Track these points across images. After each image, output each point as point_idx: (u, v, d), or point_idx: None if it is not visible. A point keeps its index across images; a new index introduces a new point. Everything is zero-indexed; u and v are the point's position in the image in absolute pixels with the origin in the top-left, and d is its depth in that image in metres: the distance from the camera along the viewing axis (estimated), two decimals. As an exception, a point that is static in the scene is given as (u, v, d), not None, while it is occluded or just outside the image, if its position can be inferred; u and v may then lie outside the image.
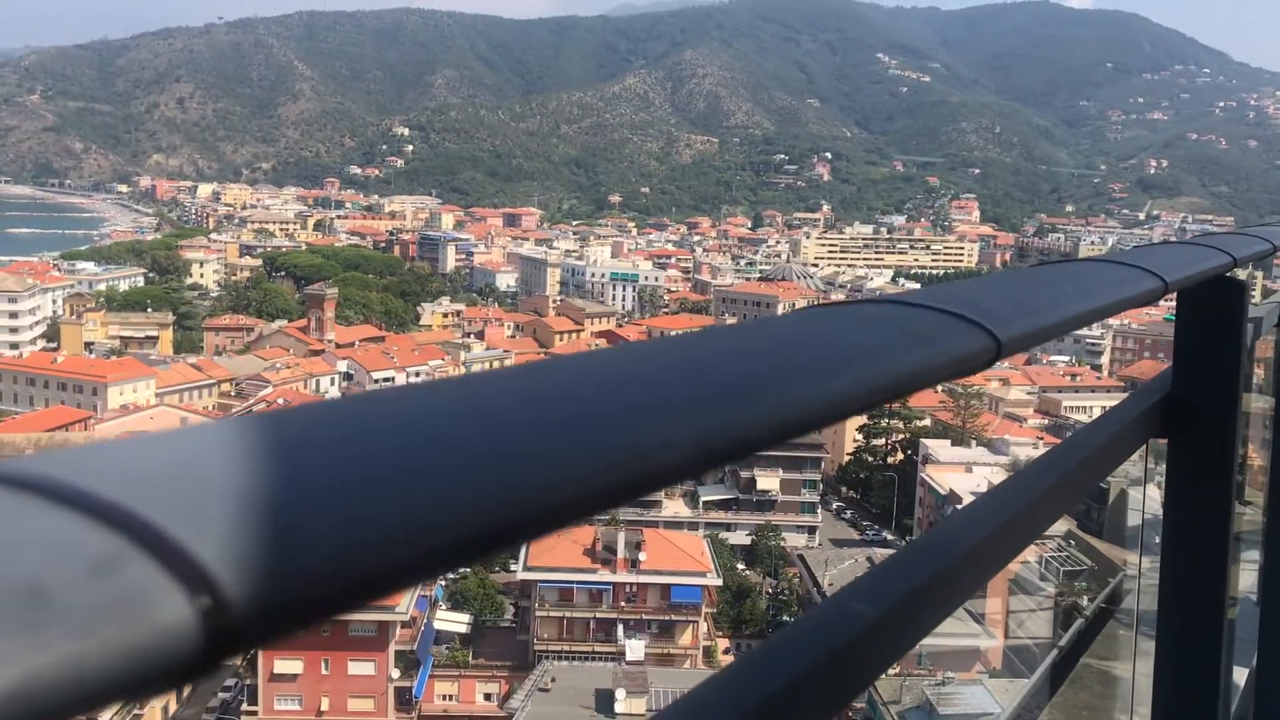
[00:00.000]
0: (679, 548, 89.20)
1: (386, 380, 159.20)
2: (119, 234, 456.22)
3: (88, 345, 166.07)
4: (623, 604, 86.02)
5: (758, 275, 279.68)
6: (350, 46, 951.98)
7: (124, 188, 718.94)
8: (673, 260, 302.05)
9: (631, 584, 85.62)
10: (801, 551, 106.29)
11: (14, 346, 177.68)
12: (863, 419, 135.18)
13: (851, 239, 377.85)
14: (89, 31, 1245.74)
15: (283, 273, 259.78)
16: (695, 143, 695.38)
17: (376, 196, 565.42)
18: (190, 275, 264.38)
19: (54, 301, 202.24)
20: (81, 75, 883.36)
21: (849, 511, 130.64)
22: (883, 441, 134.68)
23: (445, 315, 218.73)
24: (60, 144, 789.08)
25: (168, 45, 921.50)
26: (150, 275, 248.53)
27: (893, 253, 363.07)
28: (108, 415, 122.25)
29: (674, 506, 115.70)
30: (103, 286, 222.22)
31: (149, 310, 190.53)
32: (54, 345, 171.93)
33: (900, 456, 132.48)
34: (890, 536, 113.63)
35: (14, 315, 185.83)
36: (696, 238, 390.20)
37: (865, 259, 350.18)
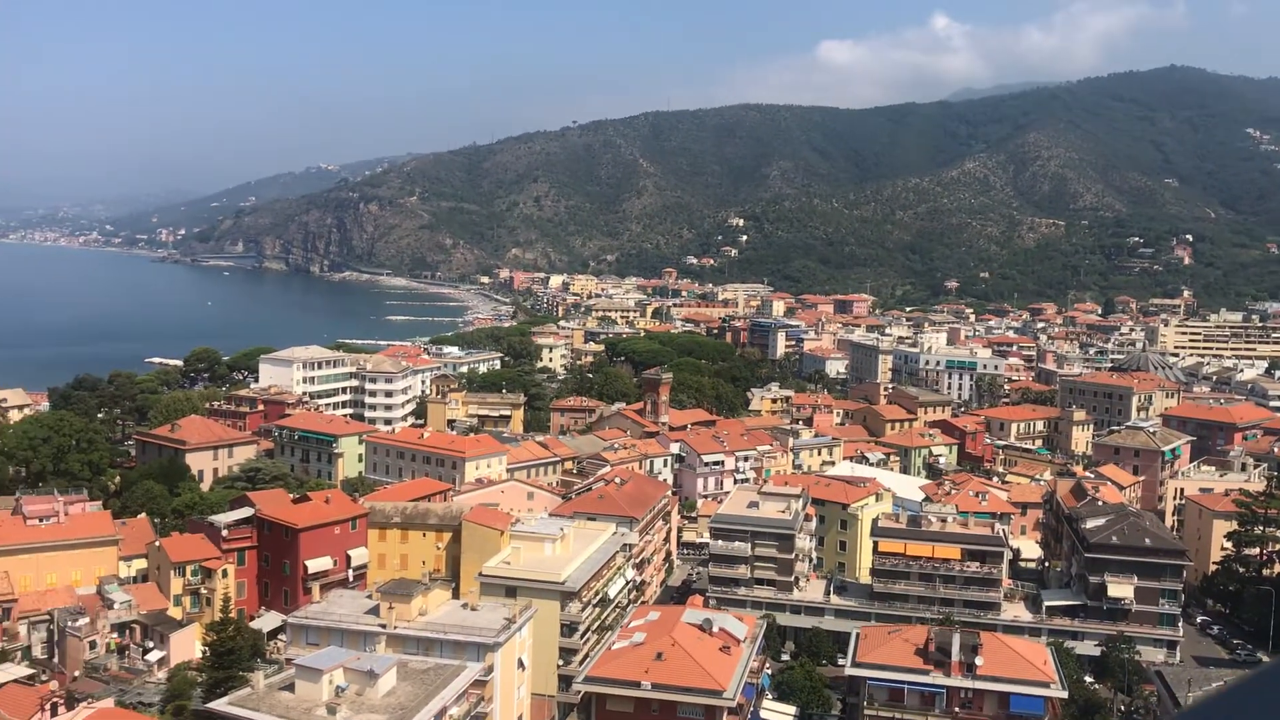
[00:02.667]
0: (1019, 654, 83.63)
1: (716, 464, 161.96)
2: (480, 321, 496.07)
3: (450, 422, 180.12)
4: (957, 709, 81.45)
5: (1109, 365, 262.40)
6: (691, 143, 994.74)
7: (485, 279, 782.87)
8: (1014, 348, 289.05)
9: (967, 689, 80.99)
10: (1159, 668, 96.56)
11: (388, 422, 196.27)
12: (1231, 524, 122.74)
13: (1217, 327, 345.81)
14: (461, 139, 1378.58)
15: (623, 357, 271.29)
16: (1039, 226, 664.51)
17: (711, 285, 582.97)
18: (540, 359, 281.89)
19: (423, 382, 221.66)
20: (453, 178, 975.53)
21: (1216, 627, 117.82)
22: (1257, 551, 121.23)
23: (774, 401, 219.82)
24: (433, 240, 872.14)
25: (528, 148, 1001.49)
26: (506, 359, 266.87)
27: (1266, 342, 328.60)
28: (465, 488, 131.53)
29: (1014, 610, 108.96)
30: (465, 369, 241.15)
31: (503, 391, 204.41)
32: (421, 422, 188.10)
33: (1279, 568, 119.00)
34: (1266, 659, 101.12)
35: (389, 394, 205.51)
36: (1040, 324, 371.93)
37: (1234, 349, 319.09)
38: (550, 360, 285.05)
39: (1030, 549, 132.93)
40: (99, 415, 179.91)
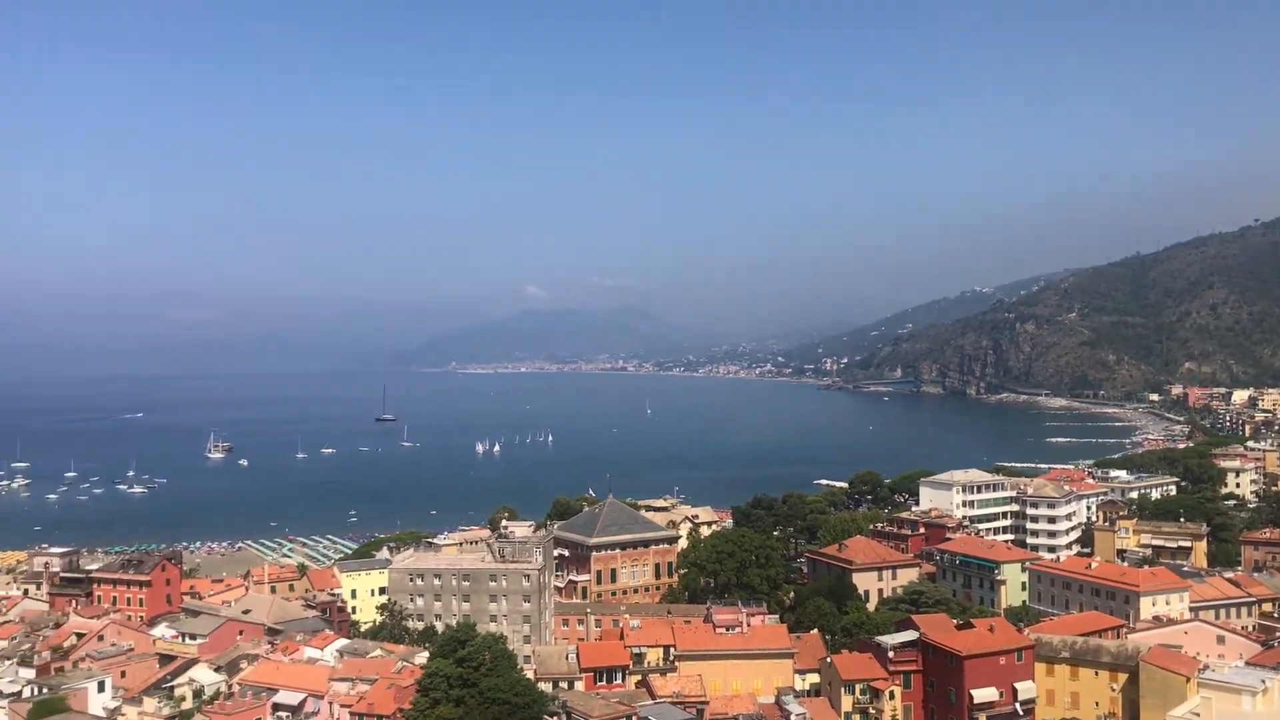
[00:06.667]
0: None
1: None
2: (1150, 442, 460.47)
3: (1120, 552, 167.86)
4: None
5: None
6: None
7: (1154, 396, 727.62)
8: None
9: None
10: None
11: (1051, 550, 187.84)
12: None
13: None
14: (1121, 249, 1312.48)
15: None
16: None
17: None
18: (1225, 484, 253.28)
19: (1088, 507, 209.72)
20: (1114, 291, 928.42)
21: None
22: None
23: None
24: (1094, 357, 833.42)
25: (1199, 253, 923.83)
26: (1182, 483, 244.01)
27: None
28: (1140, 625, 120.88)
29: None
30: (1134, 494, 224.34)
31: (1181, 519, 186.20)
32: (1087, 550, 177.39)
33: None
34: None
35: (1052, 520, 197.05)
36: None
37: None
38: (1237, 485, 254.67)
39: None
40: (774, 533, 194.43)
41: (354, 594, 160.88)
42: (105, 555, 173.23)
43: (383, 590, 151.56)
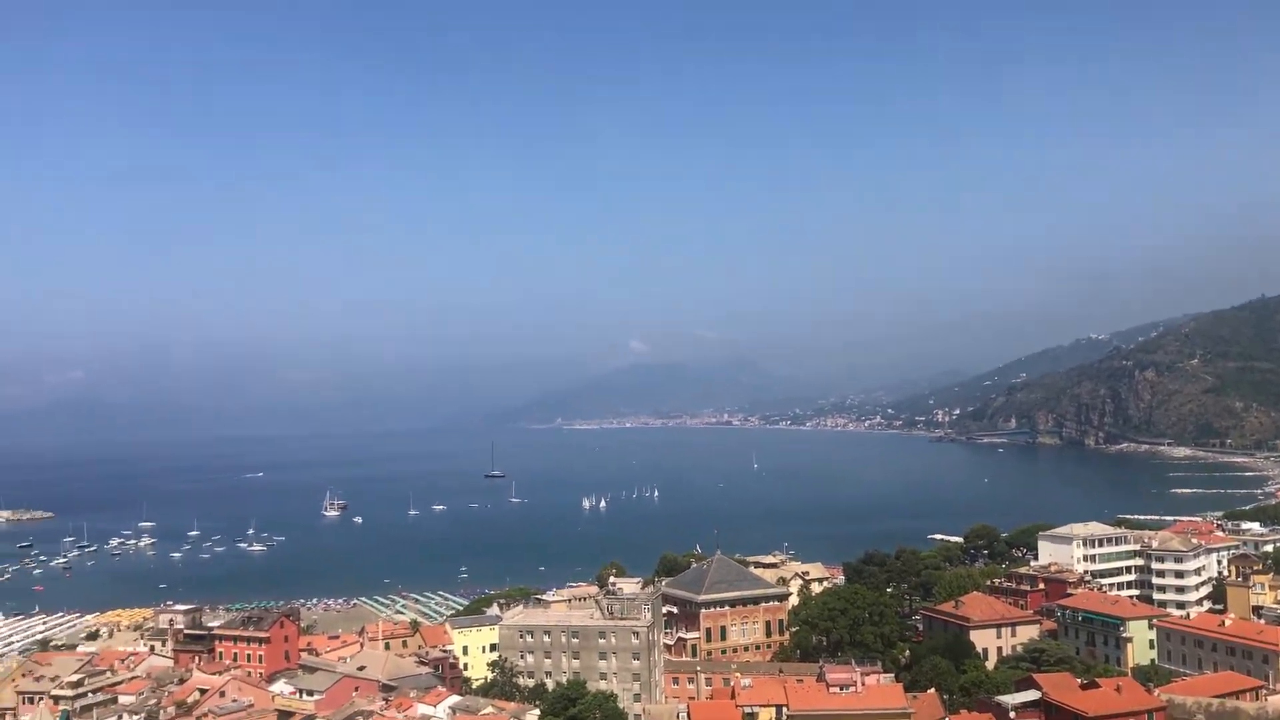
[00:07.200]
0: None
1: None
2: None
3: (1256, 609, 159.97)
4: None
5: None
6: None
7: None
8: None
9: None
10: None
11: (1180, 606, 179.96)
12: None
13: None
14: (1246, 293, 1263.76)
15: None
16: None
17: None
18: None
19: (1219, 562, 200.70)
20: (1239, 336, 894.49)
21: None
22: None
23: None
24: (1219, 404, 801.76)
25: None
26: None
27: None
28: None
29: None
30: (1269, 548, 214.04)
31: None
32: (1220, 607, 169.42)
33: None
34: None
35: (1180, 575, 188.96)
36: None
37: None
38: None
39: None
40: (888, 589, 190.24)
41: (465, 650, 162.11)
42: (226, 612, 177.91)
43: (493, 647, 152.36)
